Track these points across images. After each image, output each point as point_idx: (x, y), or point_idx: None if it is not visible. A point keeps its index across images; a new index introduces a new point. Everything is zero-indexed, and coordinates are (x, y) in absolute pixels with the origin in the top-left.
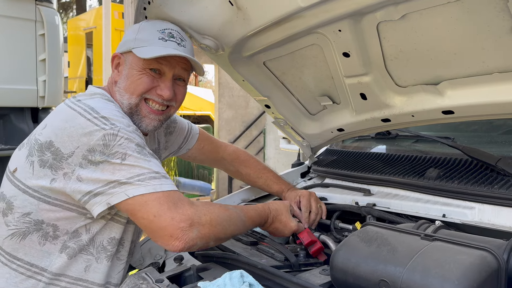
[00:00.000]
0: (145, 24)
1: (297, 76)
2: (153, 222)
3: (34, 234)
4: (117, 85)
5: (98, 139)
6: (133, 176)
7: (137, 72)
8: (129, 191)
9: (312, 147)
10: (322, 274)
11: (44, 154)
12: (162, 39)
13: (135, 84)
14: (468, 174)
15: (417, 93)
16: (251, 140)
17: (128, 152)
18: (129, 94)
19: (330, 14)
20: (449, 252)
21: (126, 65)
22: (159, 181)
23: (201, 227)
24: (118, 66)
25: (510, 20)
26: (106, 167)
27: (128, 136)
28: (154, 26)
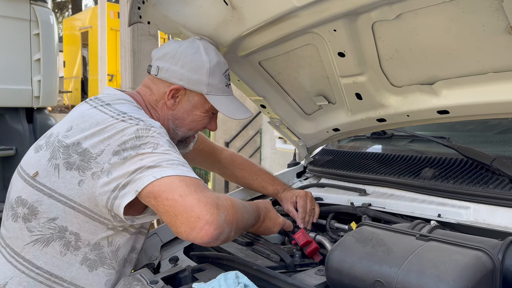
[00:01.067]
0: (213, 66)
1: (293, 76)
2: (178, 202)
3: (57, 241)
4: (173, 116)
5: (131, 133)
6: (162, 161)
7: (201, 114)
8: (157, 173)
9: (308, 147)
10: (318, 275)
11: (70, 156)
12: (227, 85)
13: (196, 123)
14: (463, 174)
15: (412, 93)
16: (247, 140)
17: (160, 143)
18: (186, 129)
19: (325, 13)
20: (444, 252)
21: (188, 101)
22: (186, 169)
23: (226, 211)
24: (176, 97)
25: (505, 20)
26: (136, 158)
27: (160, 132)
28: (220, 68)
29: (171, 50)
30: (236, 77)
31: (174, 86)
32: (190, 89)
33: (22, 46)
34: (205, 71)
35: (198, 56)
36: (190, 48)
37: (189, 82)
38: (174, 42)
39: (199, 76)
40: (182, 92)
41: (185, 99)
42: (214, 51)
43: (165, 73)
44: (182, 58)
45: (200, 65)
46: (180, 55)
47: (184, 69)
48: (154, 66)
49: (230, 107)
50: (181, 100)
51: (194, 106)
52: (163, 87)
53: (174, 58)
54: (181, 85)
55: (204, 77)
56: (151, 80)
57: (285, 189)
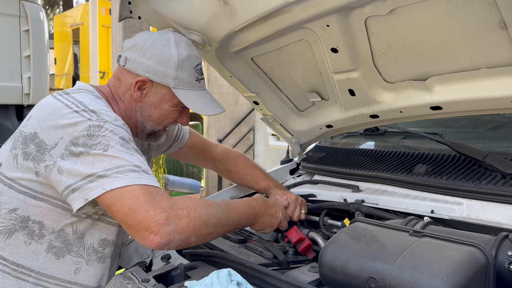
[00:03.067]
0: (182, 59)
1: (286, 72)
2: (128, 216)
3: (20, 232)
4: (140, 108)
5: (82, 130)
6: (112, 168)
7: (169, 108)
8: (106, 185)
9: (301, 143)
10: (311, 272)
11: (28, 146)
12: (197, 79)
13: (164, 117)
14: (456, 170)
15: (405, 89)
16: (241, 137)
17: (110, 144)
18: (154, 123)
19: (318, 8)
20: (437, 248)
21: (156, 94)
22: (138, 175)
23: (178, 221)
24: (143, 89)
25: (498, 15)
26: (87, 158)
27: (113, 129)
28: (190, 62)
29: (140, 41)
30: (229, 73)
31: (140, 77)
32: (157, 81)
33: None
34: (172, 64)
35: (166, 48)
36: (159, 39)
37: (156, 75)
38: (146, 33)
39: (166, 68)
40: (149, 85)
41: (152, 92)
42: (186, 44)
43: (132, 64)
44: (150, 50)
45: (167, 58)
46: (148, 47)
47: (151, 61)
48: (123, 57)
49: (199, 102)
50: (148, 93)
51: (162, 100)
52: (130, 78)
53: (142, 49)
54: (147, 77)
55: (172, 70)
56: (120, 70)
57: (276, 185)
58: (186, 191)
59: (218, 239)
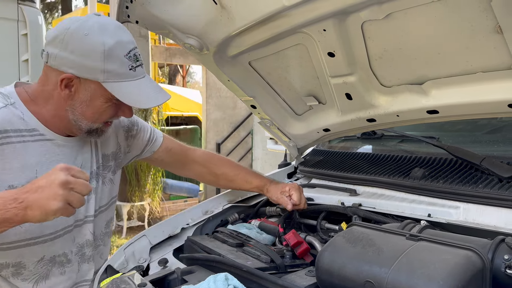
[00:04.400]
0: (109, 48)
1: (283, 76)
2: None
3: None
4: (71, 107)
5: None
6: None
7: (102, 103)
8: None
9: (298, 147)
10: (308, 276)
11: None
12: (132, 68)
13: (99, 114)
14: (453, 174)
15: (402, 93)
16: (239, 141)
17: None
18: (90, 122)
19: (314, 13)
20: (434, 252)
21: (85, 91)
22: None
23: None
24: (71, 86)
25: (493, 20)
26: None
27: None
28: (120, 50)
29: (60, 32)
30: (226, 77)
31: (65, 75)
32: (84, 77)
33: (9, 46)
34: (98, 56)
35: (90, 38)
36: (81, 29)
37: (81, 70)
38: (67, 21)
39: (91, 62)
40: (76, 81)
41: (81, 88)
42: (114, 29)
43: (54, 60)
44: (71, 42)
45: (92, 49)
46: (69, 39)
47: (74, 54)
48: (45, 52)
49: (135, 94)
50: (77, 90)
51: (93, 96)
52: (55, 76)
53: (63, 42)
54: (72, 74)
55: (98, 62)
56: (45, 67)
57: (271, 181)
58: (185, 194)
59: (215, 243)
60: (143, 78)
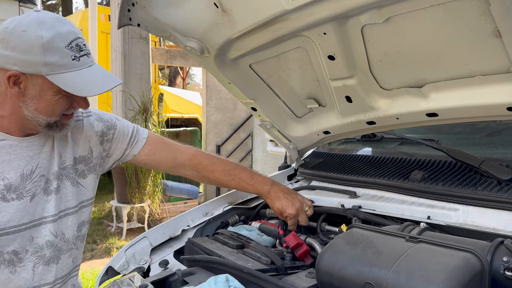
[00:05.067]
0: (47, 41)
1: (283, 78)
2: None
3: None
4: (24, 104)
5: None
6: None
7: (52, 96)
8: None
9: (298, 149)
10: (308, 277)
11: None
12: (75, 58)
13: (52, 108)
14: (452, 176)
15: (401, 95)
16: (239, 143)
17: None
18: (45, 116)
19: (315, 17)
20: (433, 254)
21: (33, 86)
22: None
23: None
24: (19, 83)
25: (492, 24)
26: None
27: None
28: (60, 41)
29: (0, 32)
30: (227, 80)
31: (10, 72)
32: (28, 72)
33: None
34: (37, 50)
35: (28, 33)
36: (19, 26)
37: (24, 66)
38: (6, 22)
39: (32, 56)
40: (23, 78)
41: (29, 84)
42: (51, 22)
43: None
44: (11, 40)
45: (30, 44)
46: (9, 37)
47: (15, 51)
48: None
49: (80, 83)
50: (26, 86)
51: (41, 90)
52: (2, 74)
53: (4, 41)
54: (16, 70)
55: (38, 56)
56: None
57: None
58: (185, 196)
59: (215, 244)
60: (90, 67)
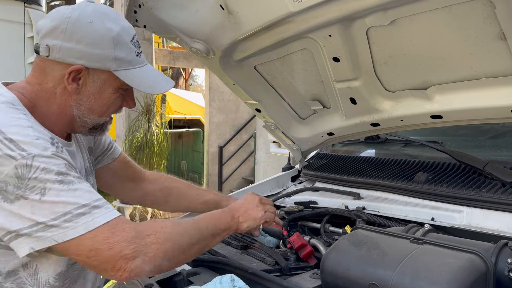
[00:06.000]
0: (116, 34)
1: (288, 80)
2: (90, 258)
3: None
4: (77, 102)
5: (9, 171)
6: (58, 217)
7: (111, 94)
8: (57, 236)
9: (302, 151)
10: (313, 278)
11: None
12: (138, 54)
13: (107, 106)
14: (456, 178)
15: (406, 97)
16: (241, 144)
17: (47, 186)
18: (97, 116)
19: (320, 19)
20: (438, 256)
21: (94, 82)
22: (90, 216)
23: (146, 250)
24: (78, 79)
25: (497, 26)
26: (23, 204)
27: (46, 166)
28: (126, 35)
29: (60, 23)
30: (232, 81)
31: (74, 67)
32: (94, 67)
33: (16, 49)
34: (108, 43)
35: (95, 26)
36: (83, 17)
37: (91, 60)
38: (61, 12)
39: (101, 50)
40: (85, 73)
41: (90, 80)
42: (115, 15)
43: (58, 52)
44: (76, 31)
45: (100, 36)
46: (73, 28)
47: (81, 44)
48: (43, 45)
49: (147, 80)
50: (85, 83)
51: (102, 87)
52: (60, 69)
53: (66, 32)
54: (81, 65)
55: (109, 50)
56: (43, 62)
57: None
58: None
59: (220, 245)
60: (147, 66)
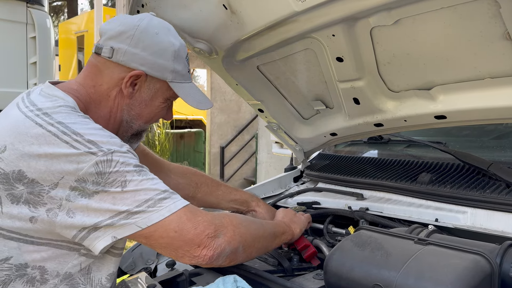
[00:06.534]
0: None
1: (291, 80)
2: (175, 239)
3: (17, 281)
4: (129, 106)
5: (89, 168)
6: (141, 204)
7: (160, 103)
8: (141, 222)
9: (305, 151)
10: (316, 279)
11: (14, 187)
12: (189, 71)
13: (154, 114)
14: (460, 179)
15: (409, 98)
16: (243, 145)
17: (127, 178)
18: (143, 122)
19: (324, 19)
20: (442, 256)
21: (149, 90)
22: (170, 201)
23: (225, 230)
24: (135, 84)
25: (502, 26)
26: (104, 197)
27: (124, 160)
28: (184, 52)
29: (128, 29)
30: (234, 81)
31: (135, 72)
32: (153, 75)
33: (18, 49)
34: (170, 55)
35: (160, 37)
36: (151, 27)
37: (153, 68)
38: (129, 19)
39: (163, 61)
40: (142, 79)
41: (145, 87)
42: (175, 31)
43: (122, 56)
44: (143, 39)
45: (164, 48)
46: (140, 36)
47: (146, 52)
48: (107, 47)
49: (195, 96)
50: (140, 88)
51: (155, 95)
52: (119, 72)
53: (133, 38)
54: (142, 71)
55: (170, 62)
56: (101, 63)
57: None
58: None
59: None
60: (193, 83)
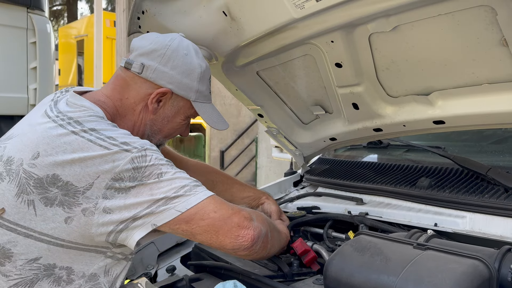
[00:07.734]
0: (203, 71)
1: (290, 85)
2: (215, 219)
3: (44, 280)
4: (152, 121)
5: (125, 164)
6: (178, 189)
7: (181, 120)
8: (180, 205)
9: (304, 156)
10: (316, 284)
11: (48, 191)
12: (210, 92)
13: (174, 130)
14: (459, 184)
15: (408, 103)
16: (243, 149)
17: (163, 170)
18: (162, 137)
19: (323, 25)
20: (441, 261)
21: (172, 107)
22: (202, 188)
23: (254, 214)
24: (160, 101)
25: (499, 33)
26: (142, 189)
27: (157, 155)
28: (208, 73)
29: (160, 47)
30: (234, 86)
31: (162, 89)
32: (178, 94)
33: (18, 54)
34: (196, 76)
35: (189, 58)
36: (181, 48)
37: (179, 87)
38: (161, 37)
39: (190, 80)
40: (168, 96)
41: (169, 104)
42: (201, 54)
43: (152, 73)
44: (173, 59)
45: (191, 69)
46: (171, 55)
47: (174, 71)
48: (138, 63)
49: (213, 116)
50: (164, 105)
51: (177, 112)
52: (147, 88)
53: (164, 57)
54: (169, 89)
55: (195, 82)
56: (130, 78)
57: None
58: None
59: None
60: (212, 103)
